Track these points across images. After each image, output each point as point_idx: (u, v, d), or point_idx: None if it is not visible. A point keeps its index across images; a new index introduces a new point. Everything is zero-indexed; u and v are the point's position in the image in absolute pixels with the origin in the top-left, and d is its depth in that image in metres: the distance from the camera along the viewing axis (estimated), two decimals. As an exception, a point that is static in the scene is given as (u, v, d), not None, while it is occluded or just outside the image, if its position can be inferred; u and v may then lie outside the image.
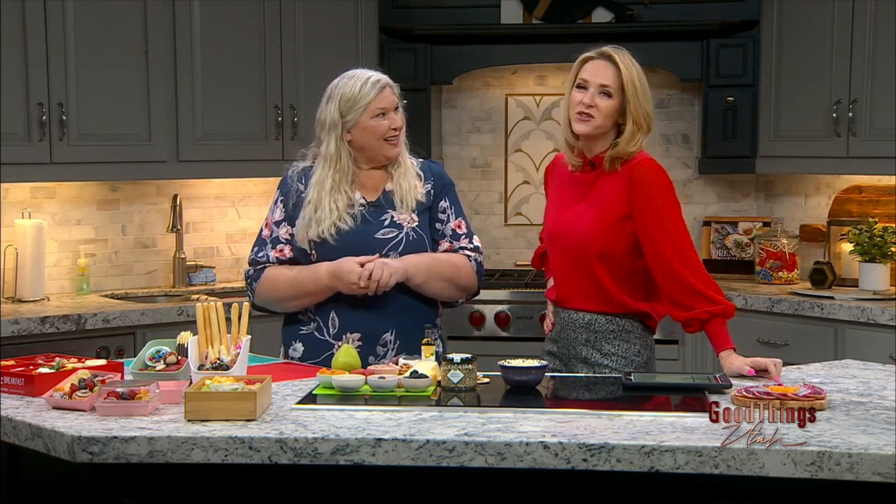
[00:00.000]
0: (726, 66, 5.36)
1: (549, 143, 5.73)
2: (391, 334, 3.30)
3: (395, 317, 3.30)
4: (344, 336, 3.29)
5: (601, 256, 3.23)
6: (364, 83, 3.29)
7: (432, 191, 3.39)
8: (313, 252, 3.31)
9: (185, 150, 4.95)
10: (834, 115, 5.00)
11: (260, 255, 3.39)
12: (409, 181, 3.36)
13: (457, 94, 5.84)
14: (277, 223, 3.38)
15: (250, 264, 3.41)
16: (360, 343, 3.27)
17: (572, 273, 3.30)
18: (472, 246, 3.42)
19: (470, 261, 3.40)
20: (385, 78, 3.33)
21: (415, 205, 3.34)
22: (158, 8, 4.84)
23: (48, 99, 4.58)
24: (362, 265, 3.21)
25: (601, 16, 5.42)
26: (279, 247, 3.37)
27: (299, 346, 3.38)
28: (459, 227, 3.41)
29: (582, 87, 3.23)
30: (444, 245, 3.39)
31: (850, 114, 4.95)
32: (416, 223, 3.34)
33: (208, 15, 4.96)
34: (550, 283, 3.49)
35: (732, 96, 5.35)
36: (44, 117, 4.56)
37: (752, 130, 5.34)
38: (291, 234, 3.35)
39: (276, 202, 3.40)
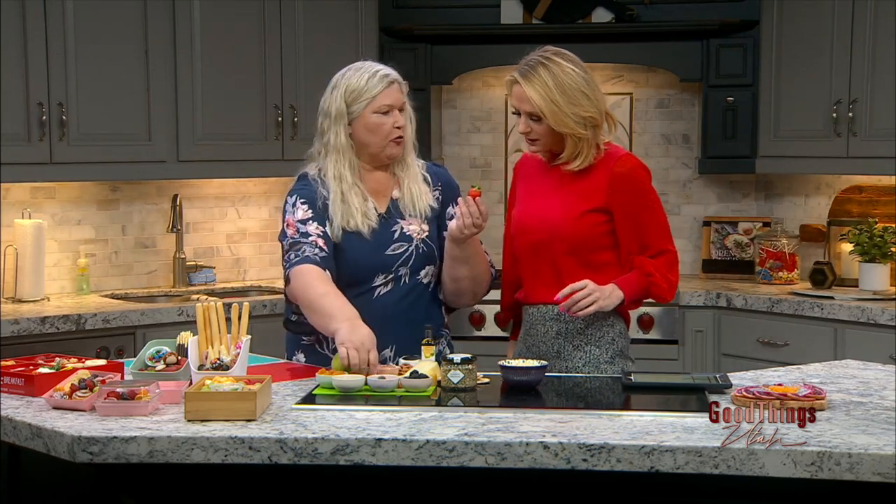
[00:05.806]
0: (726, 66, 5.36)
1: (549, 143, 5.72)
2: (391, 350, 3.22)
3: (396, 333, 3.19)
4: None
5: (568, 250, 3.18)
6: (372, 76, 3.19)
7: (440, 197, 3.31)
8: (345, 250, 3.20)
9: (185, 150, 4.95)
10: (834, 115, 5.00)
11: (299, 252, 3.11)
12: (419, 186, 3.25)
13: (457, 94, 5.84)
14: (303, 221, 3.16)
15: (287, 268, 3.14)
16: None
17: (539, 266, 3.23)
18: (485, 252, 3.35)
19: (491, 269, 3.34)
20: (394, 73, 3.23)
21: (428, 212, 3.26)
22: (158, 8, 4.84)
23: (48, 99, 4.58)
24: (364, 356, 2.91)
25: (601, 16, 5.41)
26: (311, 239, 3.13)
27: (301, 357, 3.33)
28: None
29: (517, 113, 3.21)
30: None
31: (850, 114, 4.95)
32: (426, 233, 3.25)
33: (208, 15, 4.96)
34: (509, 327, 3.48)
35: (732, 96, 5.35)
36: (44, 117, 4.56)
37: (752, 130, 5.34)
38: (322, 231, 3.16)
39: (294, 205, 3.19)
